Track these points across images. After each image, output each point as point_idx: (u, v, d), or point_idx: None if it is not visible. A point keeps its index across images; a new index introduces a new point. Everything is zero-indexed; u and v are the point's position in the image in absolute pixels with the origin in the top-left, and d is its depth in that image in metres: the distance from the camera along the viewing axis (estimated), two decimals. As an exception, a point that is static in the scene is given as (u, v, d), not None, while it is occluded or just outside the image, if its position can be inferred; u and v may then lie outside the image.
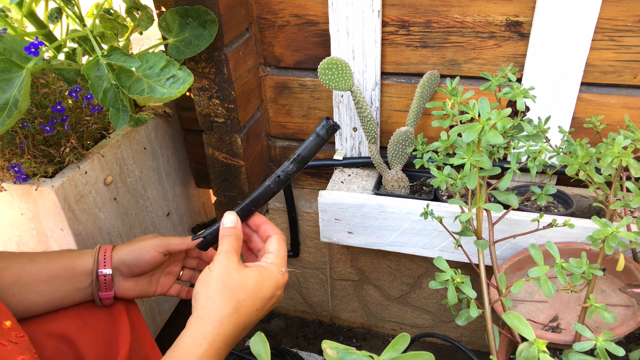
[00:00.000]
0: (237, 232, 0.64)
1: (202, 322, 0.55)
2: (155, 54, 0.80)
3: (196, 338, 0.54)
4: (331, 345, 0.47)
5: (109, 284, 0.69)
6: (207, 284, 0.58)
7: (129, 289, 0.71)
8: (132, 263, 0.69)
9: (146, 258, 0.68)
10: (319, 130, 0.60)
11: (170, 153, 1.11)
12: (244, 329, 0.59)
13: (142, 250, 0.68)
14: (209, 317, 0.56)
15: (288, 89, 1.05)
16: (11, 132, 0.80)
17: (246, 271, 0.59)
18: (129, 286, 0.71)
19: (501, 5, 0.84)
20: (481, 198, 0.71)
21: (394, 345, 0.48)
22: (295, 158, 0.62)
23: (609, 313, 0.63)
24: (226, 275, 0.58)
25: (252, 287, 0.58)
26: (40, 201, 0.80)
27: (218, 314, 0.56)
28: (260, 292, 0.59)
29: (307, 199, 1.15)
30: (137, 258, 0.68)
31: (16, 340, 0.55)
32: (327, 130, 0.60)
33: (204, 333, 0.55)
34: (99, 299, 0.70)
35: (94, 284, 0.68)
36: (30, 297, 0.65)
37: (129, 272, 0.70)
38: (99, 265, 0.68)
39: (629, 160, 0.66)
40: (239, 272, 0.59)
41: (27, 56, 0.73)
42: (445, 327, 1.22)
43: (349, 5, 0.88)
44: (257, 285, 0.59)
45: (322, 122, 0.61)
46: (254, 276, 0.59)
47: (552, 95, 0.87)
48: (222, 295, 0.57)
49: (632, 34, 0.81)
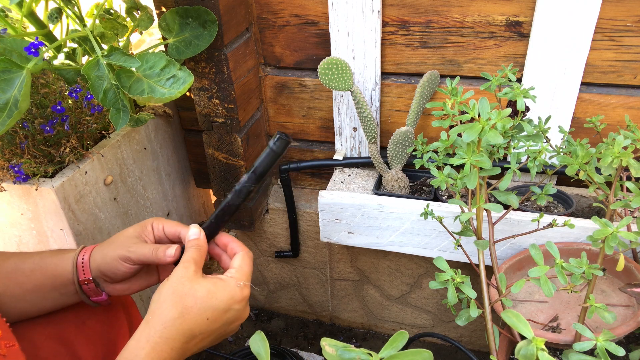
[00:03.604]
0: (200, 242, 0.64)
1: (147, 326, 0.56)
2: (156, 54, 0.80)
3: (140, 340, 0.55)
4: (330, 343, 0.47)
5: (95, 290, 0.66)
6: (160, 290, 0.58)
7: (123, 289, 0.68)
8: (110, 274, 0.65)
9: (121, 270, 0.64)
10: (272, 145, 0.62)
11: (170, 153, 1.11)
12: (193, 337, 0.58)
13: (113, 262, 0.64)
14: (154, 320, 0.56)
15: (288, 89, 1.05)
16: (11, 132, 0.80)
17: (200, 280, 0.59)
18: (120, 288, 0.67)
19: (501, 5, 0.84)
20: (481, 198, 0.71)
21: (392, 342, 0.48)
22: (253, 171, 0.64)
23: (609, 313, 0.63)
24: (178, 282, 0.58)
25: (203, 295, 0.58)
26: (40, 201, 0.80)
27: (162, 317, 0.56)
28: (210, 301, 0.58)
29: (307, 199, 1.15)
30: (111, 270, 0.65)
31: (5, 352, 0.54)
32: (278, 145, 0.62)
33: (147, 336, 0.55)
34: (93, 303, 0.67)
35: (79, 293, 0.66)
36: (21, 307, 0.64)
37: (112, 280, 0.66)
38: (79, 274, 0.65)
39: (629, 160, 0.66)
40: (192, 280, 0.59)
41: (27, 56, 0.73)
42: (445, 327, 1.22)
43: (349, 5, 0.88)
44: (208, 293, 0.58)
45: (275, 136, 0.62)
46: (207, 285, 0.59)
47: (552, 95, 0.87)
48: (169, 300, 0.57)
49: (632, 34, 0.81)
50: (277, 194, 1.18)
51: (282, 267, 1.27)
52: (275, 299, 1.36)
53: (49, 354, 0.65)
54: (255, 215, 1.12)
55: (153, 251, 0.64)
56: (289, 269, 1.27)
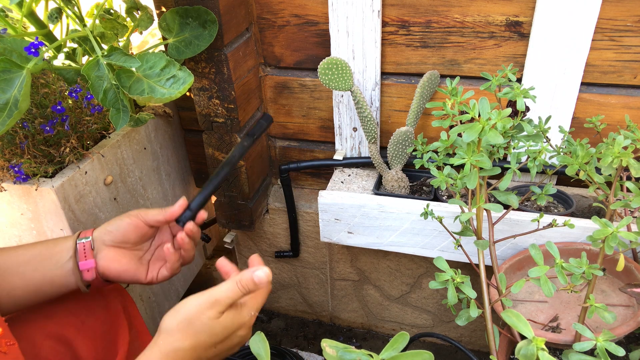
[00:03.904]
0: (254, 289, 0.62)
1: (157, 347, 0.57)
2: (156, 54, 0.80)
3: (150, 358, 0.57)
4: (330, 344, 0.47)
5: (89, 252, 0.68)
6: (176, 313, 0.59)
7: (113, 259, 0.68)
8: (113, 228, 0.69)
9: (126, 221, 0.69)
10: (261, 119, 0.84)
11: (170, 153, 1.11)
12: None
13: (122, 217, 0.70)
14: (165, 344, 0.58)
15: (288, 89, 1.05)
16: (11, 132, 0.80)
17: (220, 319, 0.60)
18: (113, 256, 0.69)
19: (501, 5, 0.84)
20: (481, 198, 0.71)
21: (393, 343, 0.48)
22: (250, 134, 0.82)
23: (609, 313, 0.63)
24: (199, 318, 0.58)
25: (218, 332, 0.59)
26: (40, 201, 0.80)
27: (174, 344, 0.57)
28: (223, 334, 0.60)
29: (307, 199, 1.15)
30: (117, 222, 0.70)
31: (6, 350, 0.55)
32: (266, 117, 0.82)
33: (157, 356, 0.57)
34: (80, 275, 0.67)
35: (73, 258, 0.67)
36: (10, 280, 0.65)
37: (112, 239, 0.69)
38: (80, 235, 0.69)
39: (629, 160, 0.66)
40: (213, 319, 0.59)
41: (27, 56, 0.73)
42: (445, 327, 1.22)
43: (349, 5, 0.88)
44: (224, 330, 0.60)
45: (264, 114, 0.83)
46: (225, 323, 0.60)
47: (552, 95, 0.87)
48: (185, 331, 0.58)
49: (632, 34, 0.81)
50: (277, 194, 1.18)
51: (282, 267, 1.27)
52: (275, 299, 1.36)
53: (49, 353, 0.66)
54: (255, 215, 1.12)
55: (162, 210, 0.71)
56: (289, 269, 1.27)
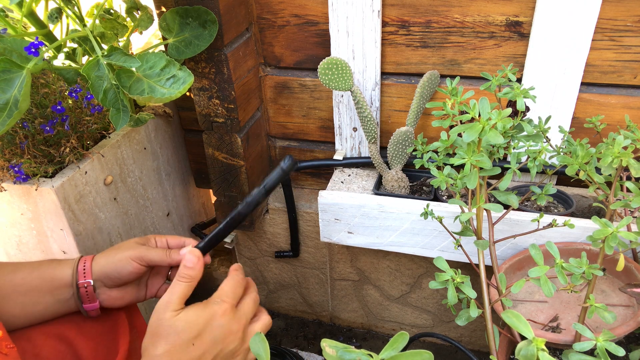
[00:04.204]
0: (193, 274, 0.63)
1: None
2: (156, 54, 0.80)
3: None
4: (330, 343, 0.47)
5: (92, 295, 0.67)
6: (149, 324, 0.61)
7: (116, 298, 0.69)
8: (114, 275, 0.67)
9: (128, 269, 0.67)
10: (282, 165, 0.68)
11: (170, 153, 1.11)
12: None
13: (122, 262, 0.67)
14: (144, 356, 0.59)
15: (288, 89, 1.05)
16: (11, 132, 0.80)
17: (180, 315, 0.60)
18: (115, 295, 0.69)
19: (501, 5, 0.84)
20: (481, 198, 0.71)
21: (393, 343, 0.48)
22: (263, 186, 0.69)
23: (609, 313, 0.63)
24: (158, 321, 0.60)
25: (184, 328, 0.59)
26: (40, 201, 0.80)
27: (150, 354, 0.58)
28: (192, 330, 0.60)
29: (307, 199, 1.15)
30: (117, 270, 0.67)
31: (6, 352, 0.55)
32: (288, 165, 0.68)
33: None
34: (84, 311, 0.68)
35: (75, 296, 0.67)
36: (10, 309, 0.64)
37: (112, 283, 0.68)
38: (78, 277, 0.66)
39: (629, 160, 0.66)
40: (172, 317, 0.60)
41: (27, 56, 0.73)
42: (445, 327, 1.22)
43: (349, 5, 0.88)
44: (187, 324, 0.60)
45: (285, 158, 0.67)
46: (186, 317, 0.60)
47: (552, 95, 0.87)
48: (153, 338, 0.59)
49: (632, 34, 0.81)
50: (277, 194, 1.18)
51: (282, 267, 1.27)
52: (275, 299, 1.36)
53: (50, 353, 0.66)
54: (255, 215, 1.12)
55: (166, 252, 0.68)
56: (289, 269, 1.27)
